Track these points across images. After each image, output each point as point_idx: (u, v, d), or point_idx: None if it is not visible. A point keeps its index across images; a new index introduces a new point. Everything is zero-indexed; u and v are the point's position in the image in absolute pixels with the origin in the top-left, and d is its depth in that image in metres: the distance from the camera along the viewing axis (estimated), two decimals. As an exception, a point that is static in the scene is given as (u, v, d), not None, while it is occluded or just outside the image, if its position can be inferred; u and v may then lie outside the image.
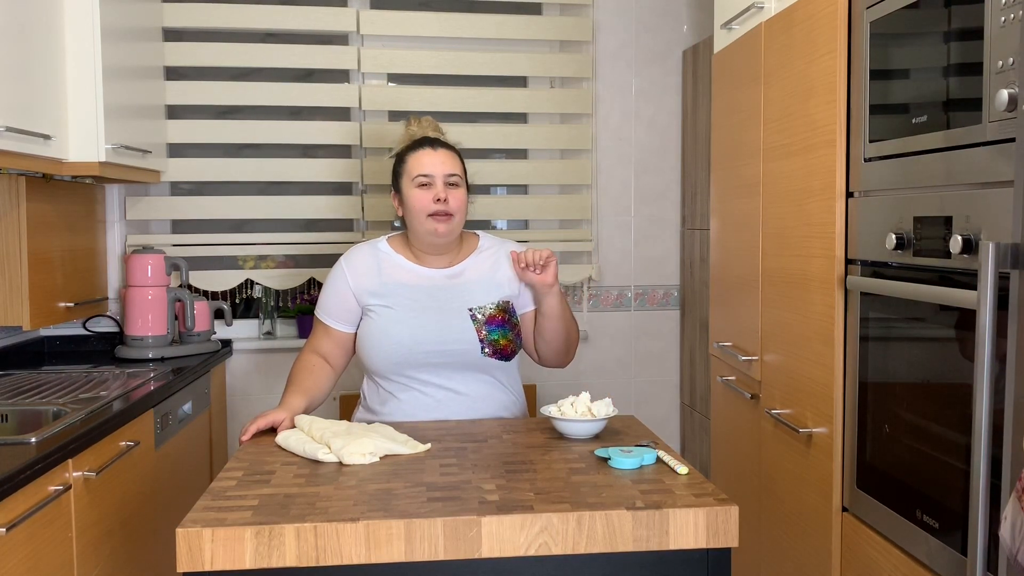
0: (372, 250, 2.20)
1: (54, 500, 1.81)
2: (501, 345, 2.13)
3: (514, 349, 2.17)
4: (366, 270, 2.17)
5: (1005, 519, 1.18)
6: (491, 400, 2.15)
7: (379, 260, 2.18)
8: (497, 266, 2.20)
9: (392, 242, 2.22)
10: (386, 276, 2.16)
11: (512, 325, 2.17)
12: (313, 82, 3.35)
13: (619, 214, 3.54)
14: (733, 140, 2.60)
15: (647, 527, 1.42)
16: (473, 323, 2.11)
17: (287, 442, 1.82)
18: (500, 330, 2.13)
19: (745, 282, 2.49)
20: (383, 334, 2.10)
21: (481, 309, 2.13)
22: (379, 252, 2.20)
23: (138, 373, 2.67)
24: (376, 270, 2.17)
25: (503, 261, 2.21)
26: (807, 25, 2.07)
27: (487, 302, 2.15)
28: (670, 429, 3.60)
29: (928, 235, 1.61)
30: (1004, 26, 1.37)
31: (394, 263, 2.18)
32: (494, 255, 2.22)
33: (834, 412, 1.97)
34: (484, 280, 2.18)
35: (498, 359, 2.13)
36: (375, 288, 2.14)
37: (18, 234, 2.54)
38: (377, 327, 2.12)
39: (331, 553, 1.38)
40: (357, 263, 2.18)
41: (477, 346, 2.10)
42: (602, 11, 3.49)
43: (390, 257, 2.19)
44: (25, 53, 2.24)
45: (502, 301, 2.17)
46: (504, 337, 2.14)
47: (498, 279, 2.18)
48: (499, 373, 2.17)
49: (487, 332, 2.12)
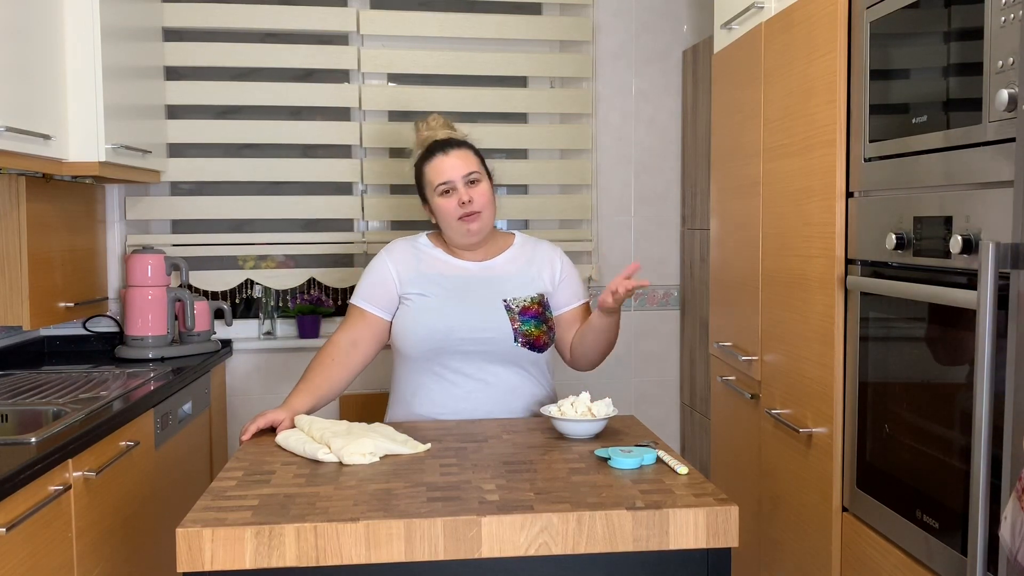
0: (412, 243, 2.28)
1: (54, 500, 1.81)
2: (534, 336, 2.16)
3: (547, 341, 2.19)
4: (406, 259, 2.22)
5: (1005, 519, 1.18)
6: (521, 392, 2.17)
7: (418, 252, 2.24)
8: (532, 262, 2.25)
9: (431, 237, 2.29)
10: (425, 267, 2.21)
11: (546, 319, 2.20)
12: (313, 82, 3.35)
13: (619, 214, 3.54)
14: (733, 140, 2.60)
15: (647, 527, 1.42)
16: (507, 313, 2.15)
17: (287, 442, 1.82)
18: (534, 321, 2.16)
19: (745, 282, 2.49)
20: (418, 321, 2.14)
21: (516, 300, 2.17)
22: (418, 245, 2.26)
23: (138, 373, 2.67)
24: (415, 261, 2.22)
25: (539, 258, 2.26)
26: (807, 25, 2.07)
27: (522, 294, 2.18)
28: (670, 429, 3.60)
29: (928, 235, 1.61)
30: (1004, 26, 1.37)
31: (432, 256, 2.24)
32: (530, 252, 2.27)
33: (834, 412, 1.97)
34: (519, 274, 2.22)
35: (530, 350, 2.16)
36: (413, 277, 2.19)
37: (18, 234, 2.54)
38: (413, 314, 2.16)
39: (331, 553, 1.38)
40: (397, 253, 2.24)
41: (510, 335, 2.13)
42: (602, 11, 3.49)
43: (429, 250, 2.25)
44: (25, 53, 2.24)
45: (537, 295, 2.20)
46: (537, 328, 2.16)
47: (533, 275, 2.23)
48: (530, 366, 2.19)
49: (521, 322, 2.15)
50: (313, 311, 3.39)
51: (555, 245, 2.33)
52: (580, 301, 2.28)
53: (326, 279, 3.38)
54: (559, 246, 2.34)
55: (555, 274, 2.25)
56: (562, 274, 2.26)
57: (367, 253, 3.36)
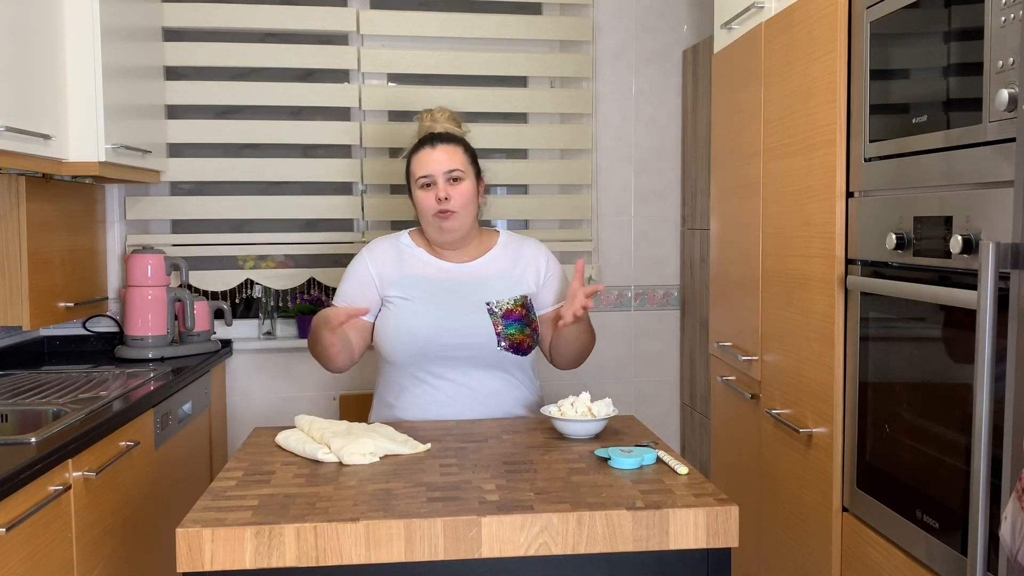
0: (394, 242, 2.24)
1: (54, 500, 1.81)
2: (518, 340, 2.15)
3: (531, 344, 2.19)
4: (388, 261, 2.20)
5: (1005, 519, 1.18)
6: (504, 396, 2.17)
7: (400, 252, 2.22)
8: (516, 263, 2.23)
9: (413, 236, 2.26)
10: (406, 268, 2.19)
11: (529, 321, 2.19)
12: (313, 82, 3.34)
13: (619, 214, 3.54)
14: (733, 140, 2.60)
15: (647, 527, 1.42)
16: (490, 317, 2.14)
17: (287, 442, 1.82)
18: (517, 324, 2.15)
19: (745, 282, 2.49)
20: (401, 325, 2.13)
21: (499, 303, 2.16)
22: (400, 245, 2.24)
23: (138, 373, 2.67)
24: (397, 261, 2.20)
25: (523, 258, 2.24)
26: (807, 25, 2.07)
27: (505, 297, 2.17)
28: (670, 429, 3.60)
29: (928, 235, 1.61)
30: (1004, 26, 1.37)
31: (414, 256, 2.21)
32: (514, 251, 2.25)
33: (834, 412, 1.97)
34: (503, 276, 2.20)
35: (514, 353, 2.15)
36: (395, 279, 2.17)
37: (18, 234, 2.54)
38: (395, 318, 2.14)
39: (331, 553, 1.38)
40: (379, 253, 2.22)
41: (494, 339, 2.12)
42: (602, 11, 3.48)
43: (411, 250, 2.22)
44: (25, 53, 2.24)
45: (520, 297, 2.19)
46: (521, 332, 2.16)
47: (517, 276, 2.21)
48: (514, 369, 2.18)
49: (504, 326, 2.14)
50: (313, 311, 3.39)
51: (540, 243, 2.30)
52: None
53: (326, 279, 3.38)
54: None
55: (540, 274, 2.24)
56: (547, 274, 2.25)
57: (367, 253, 3.36)
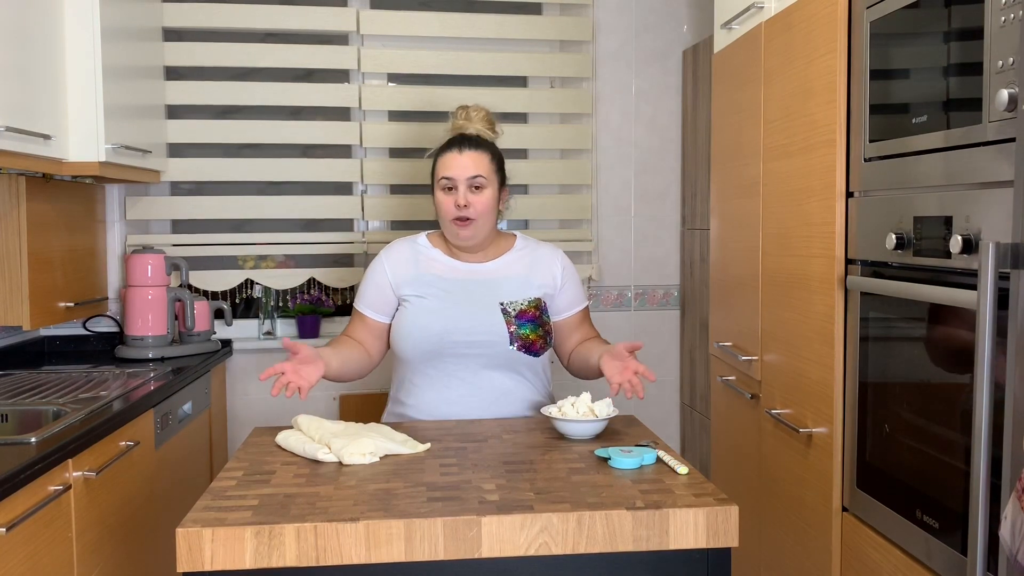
0: (411, 244, 2.27)
1: (54, 500, 1.81)
2: (530, 340, 2.15)
3: (543, 345, 2.19)
4: (404, 262, 2.23)
5: (1005, 519, 1.18)
6: (513, 396, 2.17)
7: (416, 253, 2.24)
8: (532, 267, 2.24)
9: (431, 237, 2.29)
10: (422, 268, 2.21)
11: (543, 323, 2.19)
12: (313, 82, 3.34)
13: (619, 214, 3.54)
14: (733, 140, 2.60)
15: (647, 527, 1.42)
16: (504, 317, 2.14)
17: (287, 442, 1.82)
18: (530, 325, 2.16)
19: (745, 282, 2.49)
20: (414, 323, 2.14)
21: (512, 304, 2.17)
22: (417, 246, 2.26)
23: (138, 373, 2.67)
24: (413, 262, 2.22)
25: (539, 263, 2.25)
26: (807, 25, 2.07)
27: (519, 298, 2.18)
28: (670, 429, 3.60)
29: (928, 235, 1.61)
30: (1004, 26, 1.37)
31: (430, 256, 2.23)
32: (530, 255, 2.26)
33: (834, 412, 1.97)
34: (518, 278, 2.21)
35: (526, 354, 2.15)
36: (411, 279, 2.20)
37: (18, 234, 2.54)
38: (410, 316, 2.16)
39: (331, 553, 1.38)
40: (395, 255, 2.25)
41: (506, 339, 2.13)
42: (602, 11, 3.49)
43: (427, 251, 2.24)
44: (25, 53, 2.24)
45: (534, 299, 2.20)
46: (534, 332, 2.16)
47: (532, 279, 2.22)
48: (526, 369, 2.19)
49: (517, 326, 2.15)
50: (313, 311, 3.39)
51: (556, 248, 2.31)
52: (580, 306, 2.28)
53: (326, 279, 3.38)
54: (560, 247, 2.34)
55: (556, 279, 2.24)
56: (563, 279, 2.25)
57: (367, 253, 3.36)
